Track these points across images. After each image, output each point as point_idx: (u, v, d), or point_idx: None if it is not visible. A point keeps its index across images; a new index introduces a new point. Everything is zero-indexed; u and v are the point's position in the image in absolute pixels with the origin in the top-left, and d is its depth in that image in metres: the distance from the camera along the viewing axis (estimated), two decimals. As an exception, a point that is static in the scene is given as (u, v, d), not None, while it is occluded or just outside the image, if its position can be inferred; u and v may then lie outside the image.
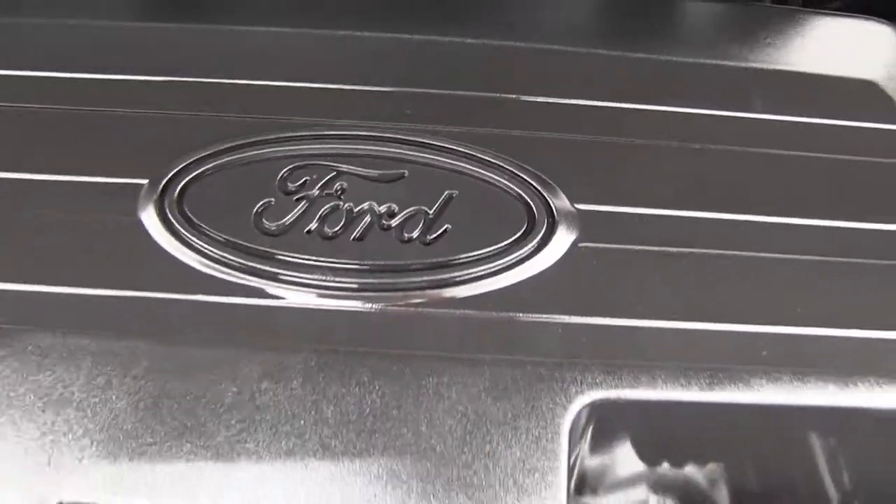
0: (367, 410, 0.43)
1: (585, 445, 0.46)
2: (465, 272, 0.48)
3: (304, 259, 0.48)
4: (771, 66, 0.59)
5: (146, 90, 0.54)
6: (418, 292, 0.48)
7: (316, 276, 0.48)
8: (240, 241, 0.49)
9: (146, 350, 0.45)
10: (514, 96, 0.55)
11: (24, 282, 0.47)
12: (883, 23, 0.62)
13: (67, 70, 0.55)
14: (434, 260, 0.49)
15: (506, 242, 0.49)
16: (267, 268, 0.48)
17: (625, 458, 0.49)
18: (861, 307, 0.49)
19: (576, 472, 0.46)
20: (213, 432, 0.42)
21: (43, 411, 0.43)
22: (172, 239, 0.49)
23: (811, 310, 0.48)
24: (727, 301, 0.48)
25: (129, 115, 0.53)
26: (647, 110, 0.55)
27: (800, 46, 0.62)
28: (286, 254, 0.49)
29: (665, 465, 0.50)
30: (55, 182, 0.50)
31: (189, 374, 0.44)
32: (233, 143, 0.52)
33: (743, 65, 0.59)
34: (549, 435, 0.44)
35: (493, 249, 0.49)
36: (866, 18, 0.63)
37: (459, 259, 0.49)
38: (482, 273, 0.48)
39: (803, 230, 0.51)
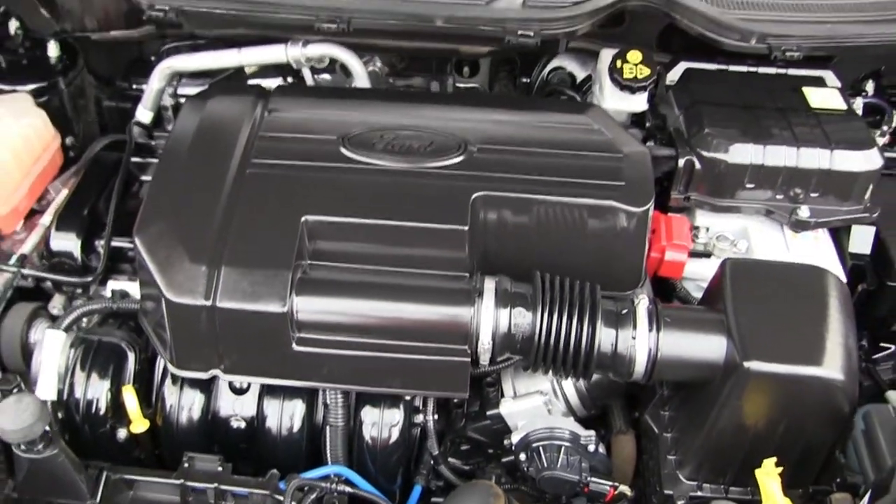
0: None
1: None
2: (436, 160, 1.69)
3: (387, 154, 1.70)
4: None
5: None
6: (422, 164, 1.69)
7: (389, 157, 1.69)
8: (365, 150, 1.70)
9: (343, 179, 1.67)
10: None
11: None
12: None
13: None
14: (429, 156, 1.70)
15: (451, 153, 1.70)
16: (377, 155, 1.70)
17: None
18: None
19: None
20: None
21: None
22: (348, 152, 1.70)
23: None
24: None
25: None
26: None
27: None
28: (381, 154, 1.70)
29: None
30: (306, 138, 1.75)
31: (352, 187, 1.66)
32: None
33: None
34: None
35: (447, 155, 1.70)
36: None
37: (434, 157, 1.69)
38: (445, 158, 1.69)
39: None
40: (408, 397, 1.70)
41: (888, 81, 2.26)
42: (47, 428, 1.41)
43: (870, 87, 2.23)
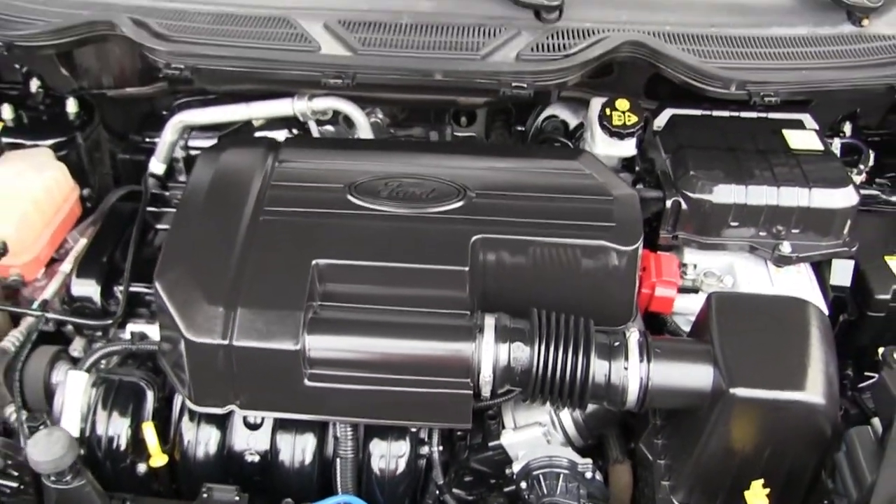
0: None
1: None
2: (437, 206, 1.82)
3: (392, 201, 1.84)
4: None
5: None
6: (424, 210, 1.82)
7: (393, 203, 1.83)
8: (371, 197, 1.84)
9: (351, 225, 1.79)
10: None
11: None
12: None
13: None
14: (431, 202, 1.83)
15: (451, 199, 1.84)
16: (382, 202, 1.84)
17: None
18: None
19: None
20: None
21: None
22: (355, 200, 1.84)
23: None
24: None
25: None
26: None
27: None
28: (386, 200, 1.84)
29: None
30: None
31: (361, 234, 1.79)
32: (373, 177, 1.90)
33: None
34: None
35: (448, 201, 1.83)
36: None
37: (435, 203, 1.83)
38: (445, 203, 1.82)
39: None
40: (413, 429, 1.81)
41: (864, 123, 2.42)
42: (75, 460, 1.51)
43: (847, 128, 2.38)
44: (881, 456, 1.54)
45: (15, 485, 1.61)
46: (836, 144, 2.27)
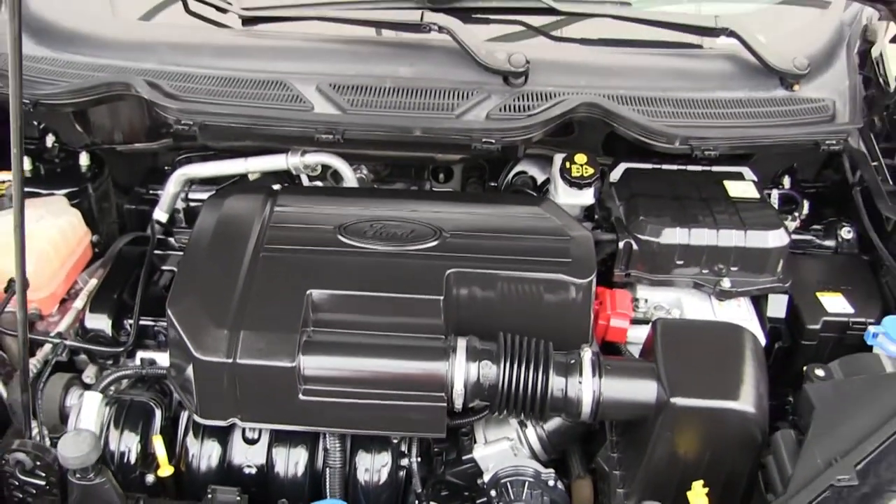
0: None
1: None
2: (416, 244, 2.12)
3: (376, 240, 2.14)
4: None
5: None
6: (405, 248, 2.12)
7: (377, 242, 2.13)
8: (358, 237, 2.14)
9: (340, 260, 2.09)
10: None
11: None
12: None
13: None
14: (410, 241, 2.14)
15: (428, 239, 2.14)
16: (368, 241, 2.14)
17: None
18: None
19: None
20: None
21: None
22: (344, 239, 2.14)
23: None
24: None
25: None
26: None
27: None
28: (371, 239, 2.14)
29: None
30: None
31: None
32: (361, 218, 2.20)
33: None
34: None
35: (425, 240, 2.13)
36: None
37: (414, 242, 2.14)
38: (423, 242, 2.12)
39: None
40: (395, 440, 2.08)
41: (802, 177, 2.75)
42: (98, 458, 1.77)
43: (786, 181, 2.70)
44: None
45: (42, 483, 1.85)
46: (774, 195, 2.60)
